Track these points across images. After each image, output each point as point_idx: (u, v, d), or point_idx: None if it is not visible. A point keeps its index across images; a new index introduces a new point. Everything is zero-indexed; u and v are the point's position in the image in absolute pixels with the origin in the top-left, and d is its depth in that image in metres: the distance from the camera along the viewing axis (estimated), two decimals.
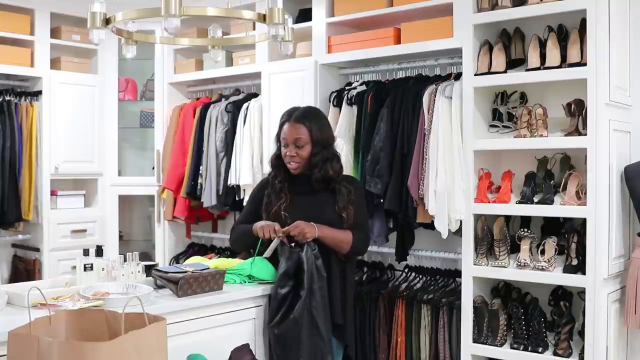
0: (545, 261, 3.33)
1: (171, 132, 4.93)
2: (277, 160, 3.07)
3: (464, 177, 3.49)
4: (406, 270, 3.99)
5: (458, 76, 3.64)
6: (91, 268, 2.73)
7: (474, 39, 3.52)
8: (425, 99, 3.59)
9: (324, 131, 3.06)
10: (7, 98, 4.72)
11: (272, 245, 2.91)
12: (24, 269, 4.92)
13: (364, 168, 3.76)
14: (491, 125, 3.61)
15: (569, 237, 3.35)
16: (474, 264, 3.51)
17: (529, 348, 3.35)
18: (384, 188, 3.64)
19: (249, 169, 4.35)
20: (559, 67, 3.31)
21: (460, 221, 3.52)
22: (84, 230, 5.00)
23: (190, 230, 5.06)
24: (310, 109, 3.23)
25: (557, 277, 3.33)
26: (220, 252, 4.91)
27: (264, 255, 2.93)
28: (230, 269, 2.90)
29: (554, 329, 3.42)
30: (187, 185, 4.69)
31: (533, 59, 3.38)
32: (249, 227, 3.00)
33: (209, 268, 2.75)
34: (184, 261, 4.04)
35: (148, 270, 2.85)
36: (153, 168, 5.07)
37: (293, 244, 2.86)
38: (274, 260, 2.94)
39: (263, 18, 2.73)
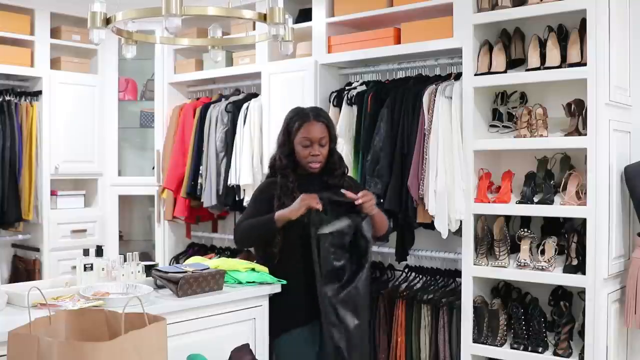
0: (545, 261, 3.33)
1: (171, 132, 4.93)
2: (287, 161, 2.97)
3: (464, 177, 3.49)
4: (406, 270, 3.99)
5: (458, 76, 3.64)
6: (91, 268, 2.72)
7: (474, 39, 3.52)
8: (425, 99, 3.59)
9: (335, 128, 3.10)
10: (7, 98, 4.72)
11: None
12: (24, 269, 4.92)
13: (364, 168, 3.76)
14: (491, 125, 3.62)
15: (569, 237, 3.35)
16: (474, 264, 3.51)
17: (529, 348, 3.35)
18: (384, 188, 3.64)
19: (249, 169, 4.35)
20: (559, 67, 3.31)
21: (460, 221, 3.52)
22: (84, 230, 5.00)
23: (190, 230, 5.06)
24: (318, 107, 3.24)
25: (557, 277, 3.33)
26: (220, 252, 4.91)
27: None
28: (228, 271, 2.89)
29: (554, 329, 3.42)
30: (187, 185, 4.69)
31: (533, 59, 3.38)
32: (268, 217, 2.85)
33: (209, 268, 2.74)
34: (184, 261, 4.04)
35: (148, 270, 2.84)
36: (153, 168, 5.07)
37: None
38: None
39: (263, 18, 2.73)
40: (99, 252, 2.82)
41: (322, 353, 2.86)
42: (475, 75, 3.51)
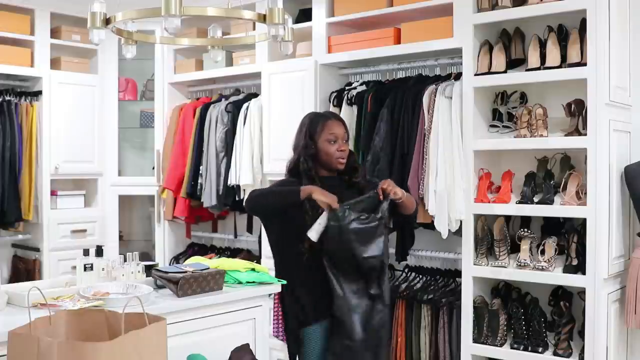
0: (545, 261, 3.33)
1: (171, 132, 4.93)
2: (312, 163, 2.94)
3: (464, 177, 3.49)
4: (406, 270, 3.99)
5: (458, 76, 3.64)
6: (91, 268, 2.72)
7: (474, 39, 3.52)
8: (425, 99, 3.59)
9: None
10: (7, 98, 4.72)
11: (321, 222, 2.72)
12: (24, 269, 4.92)
13: (364, 168, 3.75)
14: (491, 125, 3.62)
15: (569, 237, 3.35)
16: (474, 264, 3.51)
17: (529, 348, 3.35)
18: None
19: (249, 169, 4.35)
20: (559, 67, 3.31)
21: (460, 221, 3.52)
22: (84, 230, 5.00)
23: (190, 230, 5.06)
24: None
25: (557, 277, 3.33)
26: (220, 252, 4.91)
27: (314, 239, 2.73)
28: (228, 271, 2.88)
29: (554, 329, 3.42)
30: (187, 185, 4.69)
31: (533, 59, 3.38)
32: (294, 187, 2.82)
33: (209, 268, 2.74)
34: (184, 261, 4.04)
35: (148, 270, 2.84)
36: (153, 168, 5.07)
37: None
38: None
39: (263, 18, 2.73)
40: (99, 252, 2.82)
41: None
42: (475, 75, 3.51)
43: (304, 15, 4.33)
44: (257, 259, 4.42)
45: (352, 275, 2.78)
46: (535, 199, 3.40)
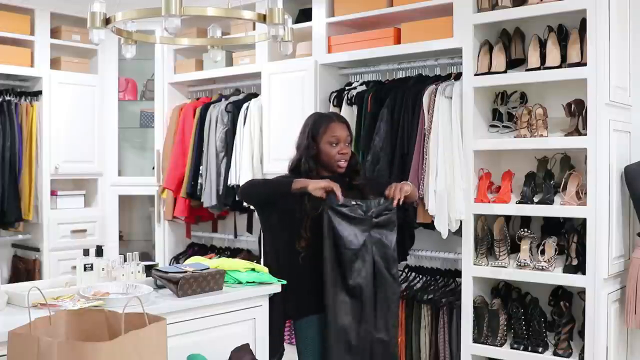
0: (545, 261, 3.33)
1: (171, 132, 4.93)
2: (314, 163, 2.94)
3: (464, 177, 3.49)
4: (406, 270, 3.99)
5: (458, 76, 3.64)
6: (91, 268, 2.72)
7: (474, 39, 3.52)
8: (425, 99, 3.60)
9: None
10: (7, 98, 4.72)
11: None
12: (24, 269, 4.92)
13: (364, 168, 3.75)
14: (491, 125, 3.62)
15: (569, 237, 3.35)
16: (474, 264, 3.51)
17: (529, 348, 3.35)
18: None
19: (249, 169, 4.35)
20: (559, 67, 3.31)
21: (460, 221, 3.52)
22: (84, 230, 5.00)
23: (190, 230, 5.06)
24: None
25: (557, 277, 3.33)
26: (220, 252, 4.91)
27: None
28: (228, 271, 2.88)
29: (554, 329, 3.42)
30: (187, 185, 4.69)
31: (533, 59, 3.38)
32: (287, 179, 2.86)
33: (209, 268, 2.74)
34: (184, 261, 4.03)
35: (148, 270, 2.84)
36: (153, 168, 5.07)
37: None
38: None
39: (263, 18, 2.73)
40: (99, 252, 2.81)
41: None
42: (475, 75, 3.51)
43: (304, 15, 4.33)
44: (257, 259, 4.42)
45: (337, 268, 2.79)
46: (535, 199, 3.40)
